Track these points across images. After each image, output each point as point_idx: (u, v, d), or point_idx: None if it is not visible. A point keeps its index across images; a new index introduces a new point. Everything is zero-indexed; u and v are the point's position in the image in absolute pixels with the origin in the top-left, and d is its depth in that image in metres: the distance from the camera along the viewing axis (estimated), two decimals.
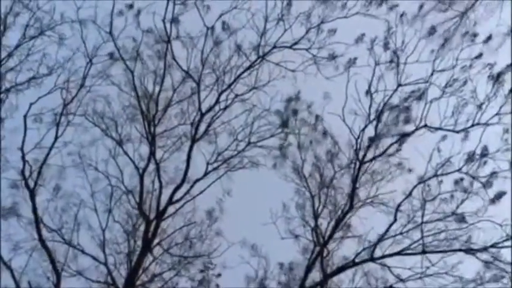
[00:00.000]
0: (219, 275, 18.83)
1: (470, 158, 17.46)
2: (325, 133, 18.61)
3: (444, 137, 17.79)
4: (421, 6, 17.59)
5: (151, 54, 19.47)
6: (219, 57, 19.33)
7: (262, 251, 18.47)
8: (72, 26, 19.33)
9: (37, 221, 18.75)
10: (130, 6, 19.22)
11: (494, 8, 16.21)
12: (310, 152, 18.72)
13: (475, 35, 17.47)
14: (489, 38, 17.29)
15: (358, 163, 18.21)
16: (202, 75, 19.35)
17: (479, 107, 17.62)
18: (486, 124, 17.58)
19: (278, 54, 19.19)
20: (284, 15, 18.87)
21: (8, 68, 18.99)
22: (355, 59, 18.53)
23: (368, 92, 18.09)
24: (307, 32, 18.96)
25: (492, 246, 17.17)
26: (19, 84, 19.21)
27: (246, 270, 18.38)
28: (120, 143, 19.51)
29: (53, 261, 18.48)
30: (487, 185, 17.28)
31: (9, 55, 18.98)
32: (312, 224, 18.39)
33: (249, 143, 19.57)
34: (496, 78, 17.39)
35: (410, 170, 18.14)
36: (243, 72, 19.33)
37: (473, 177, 17.46)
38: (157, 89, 19.49)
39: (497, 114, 17.50)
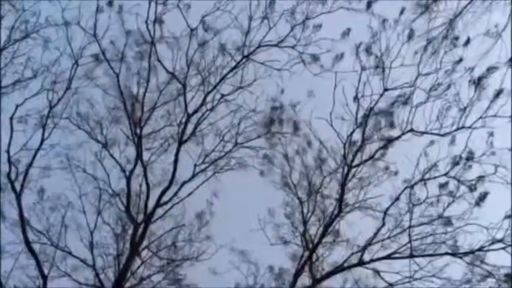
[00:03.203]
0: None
1: (456, 162, 17.38)
2: (309, 142, 18.53)
3: (432, 142, 17.73)
4: (401, 11, 17.42)
5: (135, 55, 19.30)
6: (204, 58, 19.23)
7: (252, 257, 18.55)
8: (57, 28, 19.26)
9: (23, 225, 18.65)
10: (110, 4, 19.00)
11: (481, 15, 16.00)
12: (298, 158, 18.70)
13: (456, 38, 17.30)
14: (468, 41, 17.13)
15: (346, 168, 18.18)
16: (188, 77, 19.21)
17: (463, 110, 17.58)
18: (470, 127, 17.55)
19: (263, 53, 19.10)
20: (268, 14, 18.72)
21: None
22: (342, 54, 18.40)
23: (355, 98, 17.97)
24: (292, 29, 18.81)
25: (479, 249, 17.21)
26: (4, 87, 18.97)
27: (235, 275, 18.39)
28: (105, 145, 19.36)
29: (39, 265, 18.42)
30: (471, 188, 17.23)
31: None
32: (301, 229, 18.41)
33: (236, 144, 19.50)
34: (478, 83, 17.26)
35: (395, 173, 18.08)
36: (228, 73, 19.23)
37: (460, 181, 17.41)
38: (142, 90, 19.33)
39: (481, 117, 17.44)
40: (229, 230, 18.69)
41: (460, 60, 17.33)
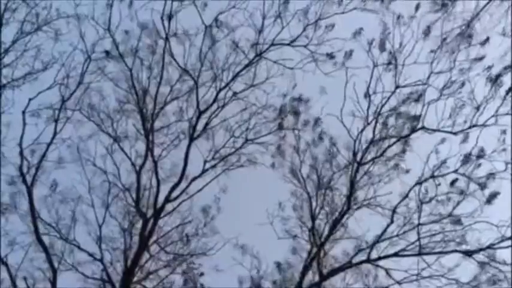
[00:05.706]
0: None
1: (467, 159, 17.38)
2: (321, 137, 18.55)
3: (443, 140, 17.72)
4: (416, 7, 17.49)
5: (148, 50, 19.37)
6: (217, 55, 19.26)
7: (255, 251, 18.52)
8: (68, 21, 19.36)
9: (34, 217, 18.72)
10: None
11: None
12: (308, 153, 18.67)
13: (470, 36, 17.36)
14: (487, 40, 17.20)
15: (356, 165, 18.18)
16: (200, 73, 19.26)
17: (477, 108, 17.58)
18: (483, 125, 17.57)
19: (276, 51, 19.16)
20: (281, 13, 18.79)
21: (5, 64, 18.90)
22: (351, 51, 18.45)
23: (367, 95, 18.01)
24: (304, 28, 18.88)
25: (489, 247, 17.15)
26: (15, 80, 19.10)
27: (241, 270, 18.37)
28: (116, 139, 19.43)
29: (49, 257, 18.47)
30: (482, 186, 17.21)
31: (6, 51, 18.88)
32: (309, 224, 18.37)
33: (246, 140, 19.53)
34: (495, 80, 17.30)
35: (407, 171, 18.07)
36: (241, 70, 19.26)
37: (470, 179, 17.38)
38: (154, 85, 19.41)
39: (494, 115, 17.47)
40: (236, 225, 18.77)
41: (482, 58, 17.37)
